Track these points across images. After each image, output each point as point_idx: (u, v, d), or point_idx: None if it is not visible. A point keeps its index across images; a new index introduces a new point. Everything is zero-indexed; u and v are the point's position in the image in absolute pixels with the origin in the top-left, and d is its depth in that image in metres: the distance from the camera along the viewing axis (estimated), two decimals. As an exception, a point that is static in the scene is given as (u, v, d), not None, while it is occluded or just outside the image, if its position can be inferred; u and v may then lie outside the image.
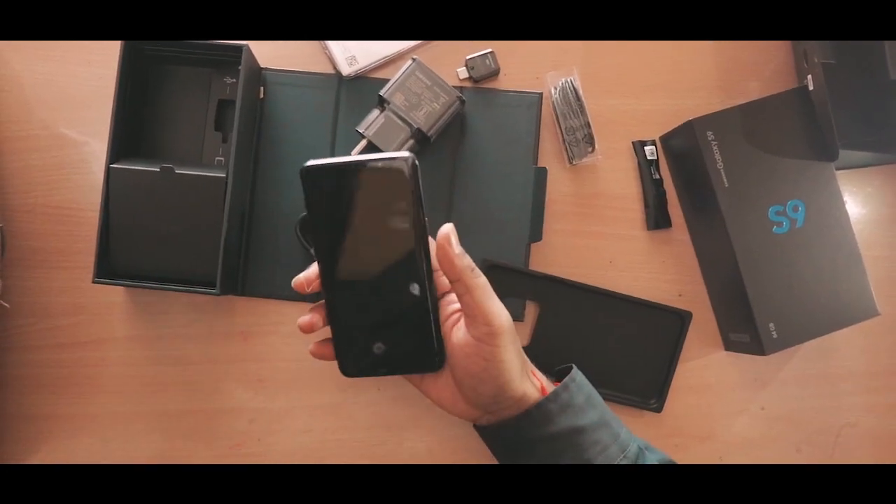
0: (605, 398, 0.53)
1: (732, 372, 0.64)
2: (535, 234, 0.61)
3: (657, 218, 0.63)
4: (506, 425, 0.49)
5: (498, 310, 0.46)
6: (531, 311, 0.62)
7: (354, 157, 0.46)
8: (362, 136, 0.59)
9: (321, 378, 0.61)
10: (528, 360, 0.50)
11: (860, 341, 0.64)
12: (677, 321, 0.62)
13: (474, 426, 0.53)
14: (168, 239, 0.57)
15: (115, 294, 0.61)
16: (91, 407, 0.61)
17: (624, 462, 0.49)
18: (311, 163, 0.45)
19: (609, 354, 0.61)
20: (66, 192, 0.61)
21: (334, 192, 0.45)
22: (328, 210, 0.45)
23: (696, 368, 0.63)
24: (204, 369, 0.61)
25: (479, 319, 0.46)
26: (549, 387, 0.50)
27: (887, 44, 0.56)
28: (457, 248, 0.45)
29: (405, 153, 0.45)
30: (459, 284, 0.46)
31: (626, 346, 0.62)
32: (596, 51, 0.64)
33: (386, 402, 0.62)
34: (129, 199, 0.56)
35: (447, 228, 0.45)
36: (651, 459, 0.51)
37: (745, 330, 0.59)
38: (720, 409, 0.63)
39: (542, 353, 0.60)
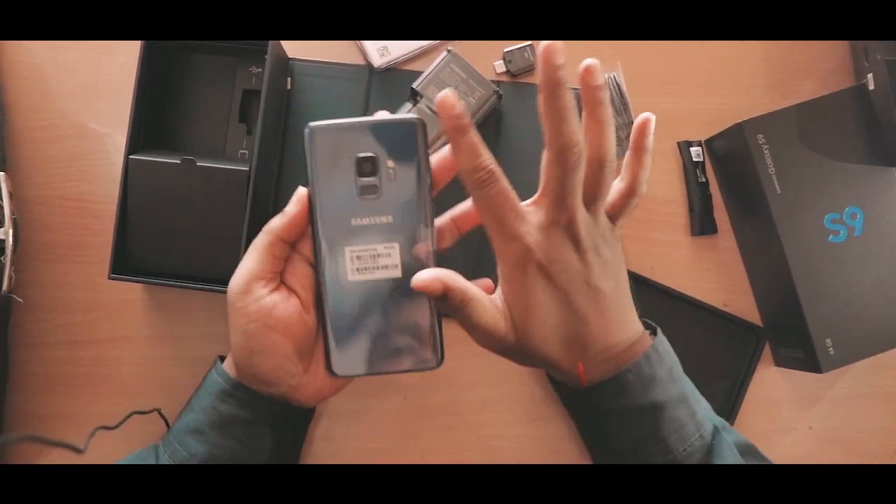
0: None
1: (780, 388, 0.60)
2: (573, 237, 0.58)
3: (703, 223, 0.60)
4: (579, 391, 0.46)
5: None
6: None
7: (362, 118, 0.45)
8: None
9: (344, 384, 0.59)
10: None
11: (918, 359, 0.60)
12: (752, 338, 0.58)
13: (549, 379, 0.51)
14: (188, 234, 0.54)
15: (132, 291, 0.59)
16: (106, 407, 0.58)
17: (698, 443, 0.46)
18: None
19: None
20: (85, 184, 0.59)
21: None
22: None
23: (741, 383, 0.60)
24: (223, 371, 0.59)
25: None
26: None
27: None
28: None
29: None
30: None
31: (691, 359, 0.55)
32: (640, 47, 0.61)
33: (412, 411, 0.59)
34: (148, 192, 0.54)
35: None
36: (726, 439, 0.47)
37: (798, 345, 0.56)
38: (765, 426, 0.60)
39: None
